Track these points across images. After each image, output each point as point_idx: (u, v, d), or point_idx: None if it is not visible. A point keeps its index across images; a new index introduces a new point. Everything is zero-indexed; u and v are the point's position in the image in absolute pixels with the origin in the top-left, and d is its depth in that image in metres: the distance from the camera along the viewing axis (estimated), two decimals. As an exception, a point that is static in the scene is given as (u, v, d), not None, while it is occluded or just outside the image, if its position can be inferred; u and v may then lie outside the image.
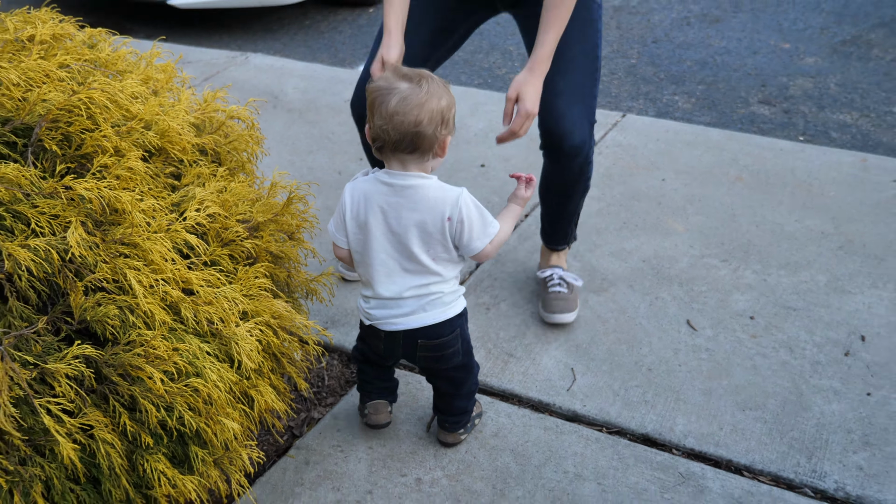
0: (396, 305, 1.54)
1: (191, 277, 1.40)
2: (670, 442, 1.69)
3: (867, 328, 1.95)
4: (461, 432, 1.71)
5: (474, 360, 1.67)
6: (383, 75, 1.47)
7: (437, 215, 1.46)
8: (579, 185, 1.94)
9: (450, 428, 1.69)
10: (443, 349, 1.56)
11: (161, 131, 1.56)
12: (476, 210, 1.49)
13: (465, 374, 1.64)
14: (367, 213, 1.50)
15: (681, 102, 3.15)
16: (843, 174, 2.50)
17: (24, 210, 1.34)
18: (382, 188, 1.48)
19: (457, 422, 1.69)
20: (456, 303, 1.57)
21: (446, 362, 1.59)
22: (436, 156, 1.47)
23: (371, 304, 1.57)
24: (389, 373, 1.73)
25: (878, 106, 3.02)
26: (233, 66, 3.42)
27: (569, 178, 1.91)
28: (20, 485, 1.29)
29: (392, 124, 1.41)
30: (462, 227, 1.47)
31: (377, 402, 1.71)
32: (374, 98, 1.44)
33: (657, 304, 2.05)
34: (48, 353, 1.30)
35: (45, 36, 1.60)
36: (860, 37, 3.49)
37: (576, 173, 1.89)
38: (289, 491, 1.64)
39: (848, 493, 1.57)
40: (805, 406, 1.75)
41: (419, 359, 1.60)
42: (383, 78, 1.45)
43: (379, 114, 1.42)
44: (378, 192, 1.49)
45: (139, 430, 1.35)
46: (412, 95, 1.41)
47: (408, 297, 1.53)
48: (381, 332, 1.57)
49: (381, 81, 1.45)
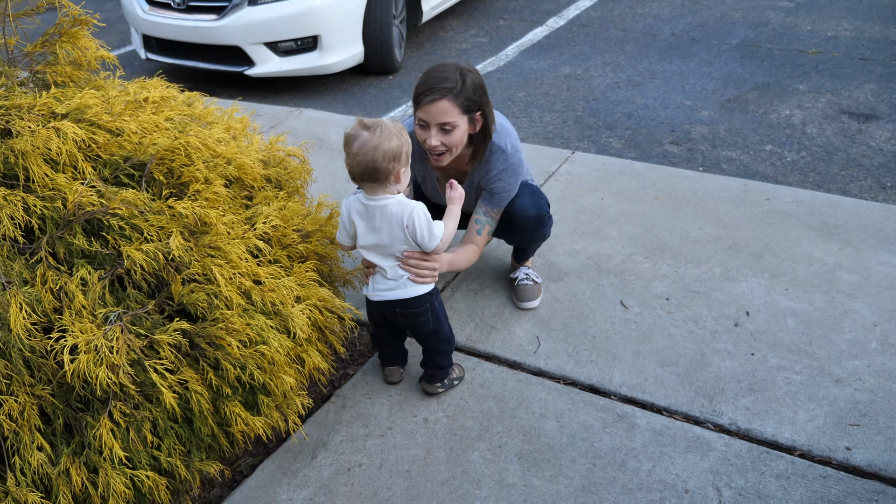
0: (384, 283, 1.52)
1: (259, 272, 1.37)
2: (609, 390, 1.67)
3: (750, 306, 1.92)
4: (438, 385, 1.66)
5: (446, 327, 1.60)
6: (353, 125, 1.44)
7: (397, 224, 1.44)
8: (537, 238, 1.89)
9: (429, 380, 1.66)
10: (415, 317, 1.54)
11: (238, 165, 1.53)
12: (424, 218, 1.45)
13: (436, 337, 1.59)
14: (356, 220, 1.49)
15: (614, 143, 3.12)
16: (731, 194, 2.48)
17: (138, 223, 1.31)
18: (361, 206, 1.47)
19: (433, 375, 1.65)
20: (425, 285, 1.53)
21: (420, 327, 1.56)
22: (393, 182, 1.43)
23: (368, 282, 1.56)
24: (400, 344, 1.69)
25: (754, 145, 3.00)
26: (290, 118, 3.39)
27: (528, 236, 1.85)
28: (134, 423, 1.26)
29: (355, 162, 1.40)
30: (416, 232, 1.44)
31: (392, 368, 1.70)
32: (345, 142, 1.42)
33: (599, 289, 2.03)
34: (155, 328, 1.27)
35: (155, 97, 1.57)
36: (741, 96, 3.46)
37: (531, 234, 1.83)
38: (330, 428, 1.61)
39: (738, 427, 1.54)
40: (706, 363, 1.73)
41: (400, 323, 1.57)
42: (352, 127, 1.43)
43: (347, 154, 1.41)
44: (359, 208, 1.47)
45: (221, 383, 1.32)
46: (369, 140, 1.38)
47: (389, 279, 1.51)
48: (372, 302, 1.55)
49: (350, 130, 1.43)
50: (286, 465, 1.53)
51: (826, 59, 3.81)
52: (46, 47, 1.60)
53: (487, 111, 1.60)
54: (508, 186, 1.71)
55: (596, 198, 2.50)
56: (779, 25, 4.35)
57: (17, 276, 1.23)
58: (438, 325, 1.58)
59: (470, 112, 1.57)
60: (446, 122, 1.54)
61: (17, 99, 1.39)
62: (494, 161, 1.67)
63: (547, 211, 1.81)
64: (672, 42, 4.24)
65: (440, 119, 1.54)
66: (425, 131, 1.58)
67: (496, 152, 1.67)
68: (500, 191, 1.70)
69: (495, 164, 1.67)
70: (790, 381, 1.66)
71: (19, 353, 1.18)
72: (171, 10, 3.77)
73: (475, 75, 1.57)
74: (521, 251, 2.00)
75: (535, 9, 5.02)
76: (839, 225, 2.25)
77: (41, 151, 1.29)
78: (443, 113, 1.53)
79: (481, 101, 1.57)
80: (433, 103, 1.53)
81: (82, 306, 1.21)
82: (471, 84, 1.55)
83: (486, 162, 1.69)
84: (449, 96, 1.52)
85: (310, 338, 1.46)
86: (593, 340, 1.83)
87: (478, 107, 1.57)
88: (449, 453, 1.52)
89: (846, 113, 3.23)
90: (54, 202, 1.28)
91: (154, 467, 1.30)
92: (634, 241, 2.24)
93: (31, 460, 1.19)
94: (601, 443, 1.52)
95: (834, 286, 1.97)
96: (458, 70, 1.55)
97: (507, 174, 1.69)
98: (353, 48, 3.81)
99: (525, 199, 1.76)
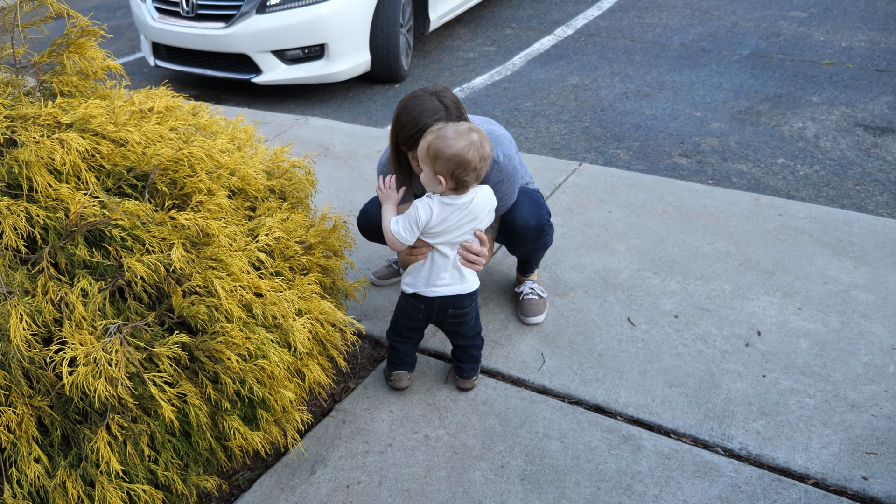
0: None
1: (260, 284, 1.37)
2: (615, 410, 1.65)
3: (762, 325, 1.90)
4: (475, 378, 1.71)
5: (480, 324, 1.67)
6: (463, 127, 1.45)
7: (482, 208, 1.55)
8: (539, 248, 1.88)
9: (468, 375, 1.69)
10: (466, 315, 1.59)
11: (242, 176, 1.54)
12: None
13: (474, 330, 1.65)
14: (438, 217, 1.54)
15: (622, 155, 3.11)
16: (742, 209, 2.46)
17: (140, 234, 1.31)
18: (443, 205, 1.50)
19: (472, 369, 1.70)
20: (475, 281, 1.59)
21: (465, 324, 1.61)
22: None
23: None
24: (415, 348, 1.72)
25: (766, 158, 2.98)
26: (296, 126, 3.41)
27: (529, 247, 1.85)
28: (132, 437, 1.26)
29: (485, 165, 1.45)
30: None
31: (401, 372, 1.70)
32: (481, 144, 1.44)
33: (605, 305, 2.01)
34: (155, 340, 1.27)
35: (160, 107, 1.58)
36: (752, 108, 3.45)
37: (532, 243, 1.82)
38: (329, 443, 1.60)
39: (749, 452, 1.52)
40: (716, 384, 1.71)
41: (448, 322, 1.60)
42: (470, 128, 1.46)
43: (483, 156, 1.45)
44: (440, 207, 1.50)
45: (220, 397, 1.31)
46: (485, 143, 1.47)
47: (448, 272, 1.57)
48: (426, 298, 1.57)
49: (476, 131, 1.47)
50: (284, 481, 1.52)
51: (840, 71, 3.79)
52: (54, 57, 1.62)
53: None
54: (506, 196, 1.71)
55: (603, 211, 2.49)
56: (791, 36, 4.34)
57: (18, 286, 1.24)
58: (477, 319, 1.64)
59: None
60: None
61: (23, 109, 1.41)
62: (488, 173, 1.65)
63: (547, 220, 1.80)
64: (681, 52, 4.23)
65: None
66: (415, 161, 1.56)
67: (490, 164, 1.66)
68: (499, 199, 1.69)
69: (489, 175, 1.65)
70: (803, 404, 1.63)
71: (18, 364, 1.18)
72: (181, 18, 3.82)
73: (449, 93, 1.55)
74: (525, 263, 1.99)
75: (542, 18, 5.04)
76: (854, 242, 2.22)
77: (45, 162, 1.30)
78: None
79: (462, 115, 1.55)
80: None
81: (82, 317, 1.22)
82: (451, 103, 1.53)
83: None
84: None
85: (311, 352, 1.46)
86: (599, 358, 1.81)
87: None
88: (450, 472, 1.51)
89: (861, 126, 3.20)
90: (57, 212, 1.29)
91: (151, 481, 1.29)
92: (642, 256, 2.22)
93: (28, 472, 1.19)
94: (606, 465, 1.50)
95: (849, 306, 1.94)
96: (434, 95, 1.52)
97: (503, 185, 1.68)
98: (359, 56, 3.84)
99: (524, 208, 1.75)
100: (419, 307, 1.58)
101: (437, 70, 4.27)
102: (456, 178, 1.42)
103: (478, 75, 4.13)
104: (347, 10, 3.66)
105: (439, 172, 1.42)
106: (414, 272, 1.58)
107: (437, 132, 1.42)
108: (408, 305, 1.61)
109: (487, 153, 1.43)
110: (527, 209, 1.75)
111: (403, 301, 1.62)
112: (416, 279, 1.57)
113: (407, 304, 1.61)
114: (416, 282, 1.57)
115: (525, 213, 1.75)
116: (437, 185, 1.44)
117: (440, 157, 1.40)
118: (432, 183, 1.45)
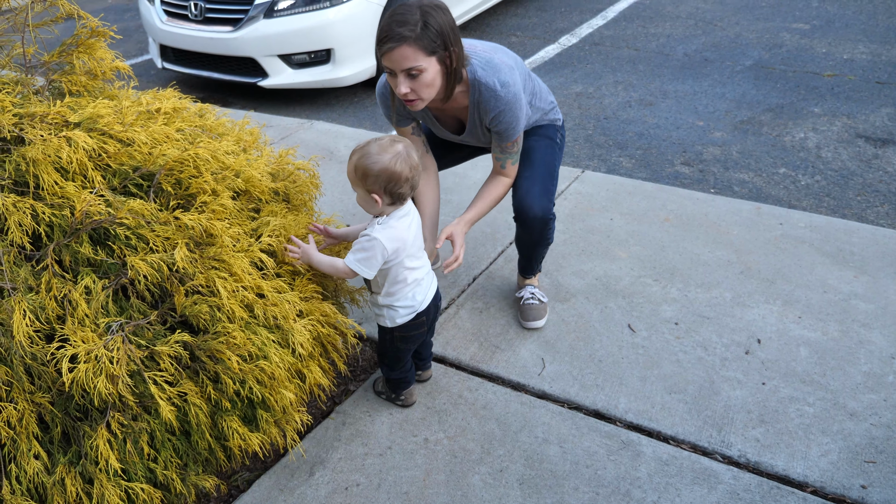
0: None
1: (262, 285, 1.37)
2: (615, 416, 1.64)
3: (762, 333, 1.89)
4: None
5: None
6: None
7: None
8: (542, 243, 1.86)
9: (429, 365, 1.76)
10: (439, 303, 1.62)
11: (246, 178, 1.54)
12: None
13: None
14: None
15: (624, 162, 3.11)
16: (743, 218, 2.45)
17: (145, 233, 1.32)
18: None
19: (431, 355, 1.76)
20: None
21: (438, 313, 1.64)
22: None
23: None
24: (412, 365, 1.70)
25: (767, 168, 2.98)
26: (301, 129, 3.42)
27: (534, 238, 1.82)
28: (132, 435, 1.26)
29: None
30: None
31: (410, 388, 1.68)
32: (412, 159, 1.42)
33: (606, 311, 2.00)
34: (157, 339, 1.27)
35: (167, 108, 1.59)
36: (754, 118, 3.45)
37: (538, 235, 1.80)
38: (329, 445, 1.60)
39: (748, 459, 1.51)
40: (716, 391, 1.70)
41: (432, 320, 1.60)
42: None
43: (413, 168, 1.42)
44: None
45: (220, 397, 1.31)
46: None
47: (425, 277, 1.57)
48: (422, 311, 1.54)
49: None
50: (283, 482, 1.51)
51: (842, 82, 3.79)
52: (63, 57, 1.63)
53: (456, 50, 1.47)
54: (511, 125, 1.60)
55: (605, 218, 2.49)
56: (793, 47, 4.35)
57: (22, 282, 1.24)
58: None
59: (436, 53, 1.45)
60: (411, 68, 1.44)
61: (32, 107, 1.42)
62: (486, 101, 1.56)
63: (552, 213, 1.75)
64: (685, 62, 4.24)
65: (403, 65, 1.44)
66: (394, 78, 1.48)
67: (485, 91, 1.55)
68: (504, 129, 1.61)
69: (488, 104, 1.56)
70: (803, 413, 1.62)
71: (20, 360, 1.18)
72: (189, 22, 3.85)
73: (440, 14, 1.43)
74: (527, 261, 1.96)
75: (547, 27, 5.07)
76: (855, 252, 2.21)
77: (52, 160, 1.31)
78: (405, 59, 1.43)
79: (447, 41, 1.44)
80: (392, 51, 1.42)
81: (85, 315, 1.22)
82: (434, 25, 1.42)
83: (480, 101, 1.58)
84: (408, 41, 1.40)
85: (311, 353, 1.46)
86: (599, 364, 1.80)
87: (444, 47, 1.45)
88: (449, 476, 1.50)
89: (862, 137, 3.20)
90: (62, 210, 1.30)
91: (150, 480, 1.29)
92: (643, 263, 2.22)
93: (28, 468, 1.19)
94: (605, 471, 1.49)
95: (849, 315, 1.93)
96: (420, 9, 1.42)
97: (505, 115, 1.57)
98: (365, 62, 3.86)
99: (534, 194, 1.69)
100: (422, 321, 1.54)
101: (442, 76, 4.28)
102: (391, 193, 1.37)
103: (482, 82, 4.13)
104: (354, 16, 3.68)
105: (372, 190, 1.37)
106: (400, 299, 1.48)
107: (360, 152, 1.37)
108: (410, 328, 1.53)
109: (416, 162, 1.37)
110: (536, 197, 1.69)
111: (401, 331, 1.53)
112: (409, 303, 1.49)
113: (408, 329, 1.53)
114: (411, 305, 1.49)
115: (533, 200, 1.69)
116: (374, 203, 1.38)
117: (369, 174, 1.35)
118: (369, 203, 1.39)
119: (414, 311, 1.51)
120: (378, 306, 1.52)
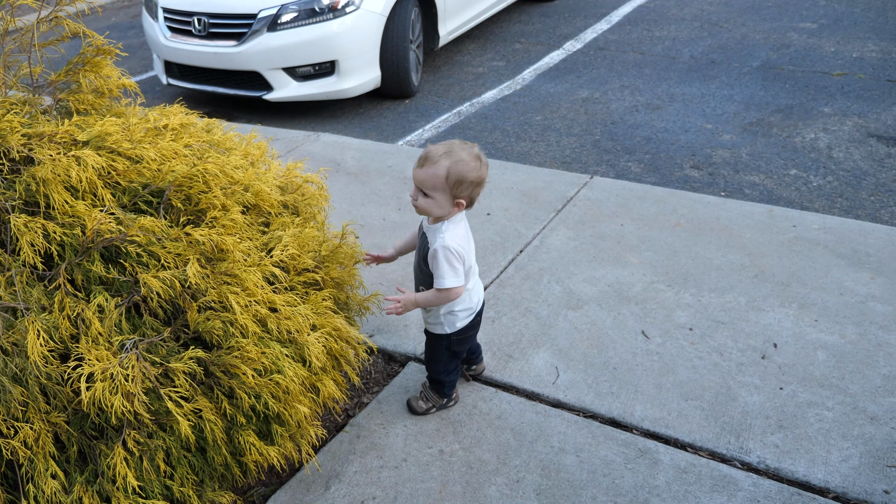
0: None
1: (275, 299, 1.39)
2: (631, 424, 1.63)
3: (778, 337, 1.88)
4: None
5: None
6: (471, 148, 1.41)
7: None
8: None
9: (481, 358, 1.78)
10: None
11: (255, 192, 1.56)
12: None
13: None
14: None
15: (633, 167, 3.12)
16: (755, 221, 2.45)
17: (156, 250, 1.33)
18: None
19: (480, 348, 1.77)
20: None
21: None
22: None
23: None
24: None
25: (778, 170, 2.97)
26: (308, 142, 3.45)
27: None
28: (148, 452, 1.27)
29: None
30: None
31: (456, 389, 1.72)
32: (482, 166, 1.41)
33: (619, 318, 2.00)
34: (171, 355, 1.29)
35: (175, 124, 1.61)
36: (763, 119, 3.45)
37: None
38: (344, 458, 1.60)
39: (767, 466, 1.50)
40: (733, 397, 1.69)
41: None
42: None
43: (485, 176, 1.43)
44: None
45: (235, 412, 1.32)
46: None
47: None
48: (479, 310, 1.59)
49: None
50: (299, 497, 1.51)
51: (852, 81, 3.78)
52: (70, 76, 1.66)
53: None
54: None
55: (615, 223, 2.49)
56: (801, 47, 4.35)
57: (35, 302, 1.26)
58: None
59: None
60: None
61: (40, 127, 1.44)
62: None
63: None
64: (691, 65, 4.25)
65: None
66: None
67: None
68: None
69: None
70: (822, 417, 1.61)
71: (35, 380, 1.20)
72: (193, 37, 3.90)
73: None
74: None
75: (551, 33, 5.09)
76: (870, 253, 2.20)
77: (62, 179, 1.33)
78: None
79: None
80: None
81: (98, 333, 1.23)
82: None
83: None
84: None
85: (325, 367, 1.46)
86: (614, 371, 1.80)
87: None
88: (465, 487, 1.50)
89: (874, 136, 3.19)
90: (73, 229, 1.32)
91: (166, 496, 1.29)
92: (655, 269, 2.22)
93: (45, 488, 1.20)
94: (623, 479, 1.48)
95: (867, 318, 1.92)
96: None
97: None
98: (370, 73, 3.89)
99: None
100: (478, 321, 1.59)
101: (447, 85, 4.32)
102: (471, 199, 1.41)
103: (487, 90, 4.16)
104: (358, 27, 3.72)
105: (460, 196, 1.38)
106: (459, 303, 1.50)
107: (449, 157, 1.36)
108: (468, 329, 1.55)
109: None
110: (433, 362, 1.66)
111: (457, 334, 1.54)
112: (467, 305, 1.51)
113: (465, 331, 1.54)
114: (469, 307, 1.52)
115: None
116: (451, 209, 1.39)
117: (464, 181, 1.35)
118: (443, 207, 1.39)
119: (473, 313, 1.55)
120: (437, 316, 1.53)
